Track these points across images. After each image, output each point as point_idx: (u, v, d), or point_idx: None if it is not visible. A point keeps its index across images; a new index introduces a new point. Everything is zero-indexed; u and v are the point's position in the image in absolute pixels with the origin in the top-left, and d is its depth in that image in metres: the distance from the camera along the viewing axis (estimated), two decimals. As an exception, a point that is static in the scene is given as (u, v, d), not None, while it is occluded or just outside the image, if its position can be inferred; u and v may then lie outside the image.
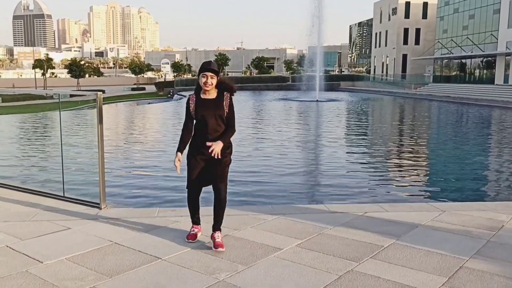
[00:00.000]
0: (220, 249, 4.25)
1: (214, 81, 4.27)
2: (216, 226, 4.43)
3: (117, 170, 10.49)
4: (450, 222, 5.14)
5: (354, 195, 8.48)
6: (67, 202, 5.87)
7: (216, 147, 4.15)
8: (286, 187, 8.88)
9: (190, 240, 4.48)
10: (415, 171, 11.20)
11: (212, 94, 4.33)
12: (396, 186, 9.60)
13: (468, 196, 8.67)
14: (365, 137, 18.16)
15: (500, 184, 10.10)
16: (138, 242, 4.46)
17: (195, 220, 4.61)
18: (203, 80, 4.26)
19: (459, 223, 5.13)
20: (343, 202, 7.75)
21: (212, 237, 4.41)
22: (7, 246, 4.34)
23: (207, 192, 4.55)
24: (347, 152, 14.16)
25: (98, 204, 5.63)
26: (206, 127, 4.27)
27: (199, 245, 4.38)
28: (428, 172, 11.34)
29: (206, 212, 4.75)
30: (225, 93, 4.33)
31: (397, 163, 12.35)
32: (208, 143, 4.19)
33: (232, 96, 4.38)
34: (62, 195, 6.08)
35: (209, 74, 4.25)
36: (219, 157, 4.19)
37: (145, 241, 4.51)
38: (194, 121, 4.39)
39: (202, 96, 4.35)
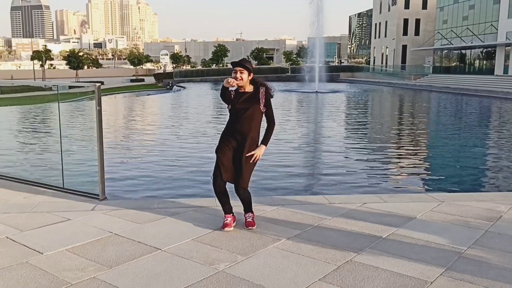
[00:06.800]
0: (250, 227, 4.57)
1: (244, 75, 4.44)
2: (247, 210, 4.70)
3: (116, 162, 10.50)
4: (449, 213, 5.16)
5: (353, 186, 8.49)
6: (67, 194, 5.89)
7: (259, 152, 4.45)
8: (285, 178, 8.89)
9: (227, 229, 4.53)
10: (414, 162, 11.22)
11: (248, 88, 4.50)
12: (395, 177, 9.61)
13: (466, 186, 8.69)
14: (365, 128, 18.15)
15: (499, 175, 10.11)
16: (137, 233, 4.48)
17: (226, 210, 4.64)
18: (233, 75, 4.43)
19: (457, 213, 5.15)
20: (342, 193, 7.76)
21: (244, 217, 4.69)
22: (7, 237, 4.36)
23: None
24: (346, 143, 14.17)
25: (98, 195, 5.65)
26: (240, 119, 4.42)
27: (199, 236, 4.40)
28: (427, 163, 11.35)
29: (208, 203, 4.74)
30: (260, 88, 4.51)
31: (396, 154, 12.35)
32: (248, 154, 4.40)
33: (270, 94, 4.55)
34: (62, 186, 6.10)
35: (239, 68, 4.43)
36: (257, 159, 4.46)
37: (144, 232, 4.53)
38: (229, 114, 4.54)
39: (240, 90, 4.50)
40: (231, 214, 4.67)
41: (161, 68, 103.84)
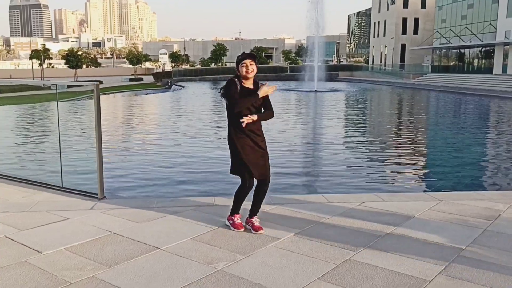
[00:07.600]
0: (260, 231, 4.45)
1: (254, 67, 4.39)
2: (256, 212, 4.60)
3: (115, 161, 10.49)
4: (447, 211, 5.17)
5: (352, 185, 8.50)
6: (66, 193, 5.89)
7: (267, 89, 4.39)
8: (284, 177, 8.89)
9: (242, 229, 4.49)
10: (413, 161, 11.23)
11: (250, 84, 4.45)
12: (393, 176, 9.62)
13: (465, 185, 8.70)
14: (364, 127, 18.16)
15: (497, 174, 10.13)
16: (136, 232, 4.48)
17: (239, 210, 4.61)
18: (244, 69, 4.36)
19: (456, 212, 5.15)
20: (341, 192, 7.76)
21: (250, 221, 4.57)
22: (6, 237, 4.36)
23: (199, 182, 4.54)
24: (345, 142, 14.18)
25: (97, 194, 5.65)
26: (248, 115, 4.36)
27: (198, 235, 4.40)
28: (425, 162, 11.37)
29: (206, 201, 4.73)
30: (259, 83, 4.50)
31: (395, 153, 12.36)
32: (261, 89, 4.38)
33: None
34: (61, 185, 6.10)
35: (248, 61, 4.37)
36: (270, 92, 4.43)
37: (143, 231, 4.53)
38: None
39: (245, 86, 4.43)
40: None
41: (160, 67, 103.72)
